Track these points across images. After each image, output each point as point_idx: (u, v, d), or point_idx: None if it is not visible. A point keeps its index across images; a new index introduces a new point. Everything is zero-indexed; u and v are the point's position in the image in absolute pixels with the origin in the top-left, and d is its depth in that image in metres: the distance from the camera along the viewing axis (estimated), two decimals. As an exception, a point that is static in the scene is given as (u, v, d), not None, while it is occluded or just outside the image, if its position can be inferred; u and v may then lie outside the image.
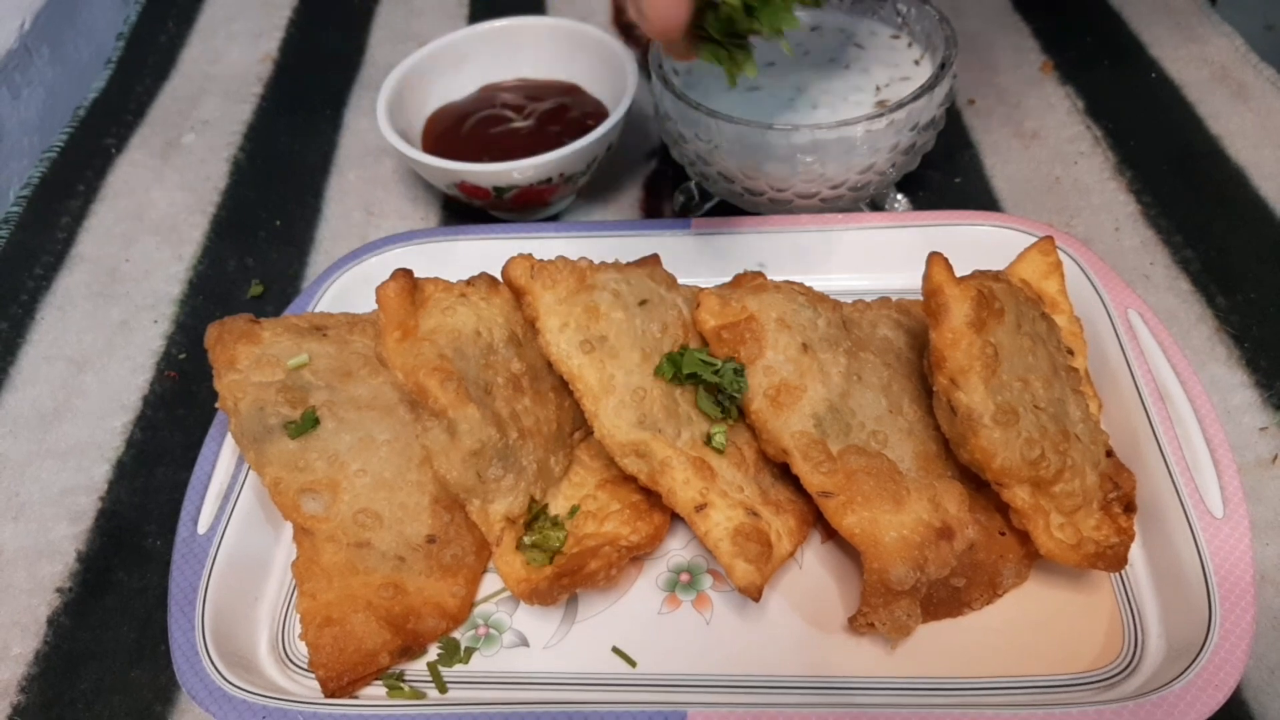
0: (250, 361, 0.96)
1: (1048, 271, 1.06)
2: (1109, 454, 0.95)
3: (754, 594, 0.86)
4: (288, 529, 1.00)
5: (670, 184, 1.45)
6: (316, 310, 1.14)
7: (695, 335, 0.98)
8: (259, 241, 1.41)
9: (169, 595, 0.91)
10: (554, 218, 1.41)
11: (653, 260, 1.06)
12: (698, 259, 1.18)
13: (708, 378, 0.94)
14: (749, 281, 1.02)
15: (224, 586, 0.92)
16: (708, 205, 1.37)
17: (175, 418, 1.19)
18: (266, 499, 0.98)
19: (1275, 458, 1.04)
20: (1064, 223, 1.32)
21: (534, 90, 1.46)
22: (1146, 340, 1.01)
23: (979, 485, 0.93)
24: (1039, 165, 1.42)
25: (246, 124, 1.63)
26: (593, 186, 1.44)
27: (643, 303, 0.97)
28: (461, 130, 1.39)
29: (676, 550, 0.99)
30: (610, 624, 0.93)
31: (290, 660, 0.93)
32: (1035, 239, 1.10)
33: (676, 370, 0.94)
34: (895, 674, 0.88)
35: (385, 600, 0.90)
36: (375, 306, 0.92)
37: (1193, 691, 0.78)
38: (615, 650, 0.91)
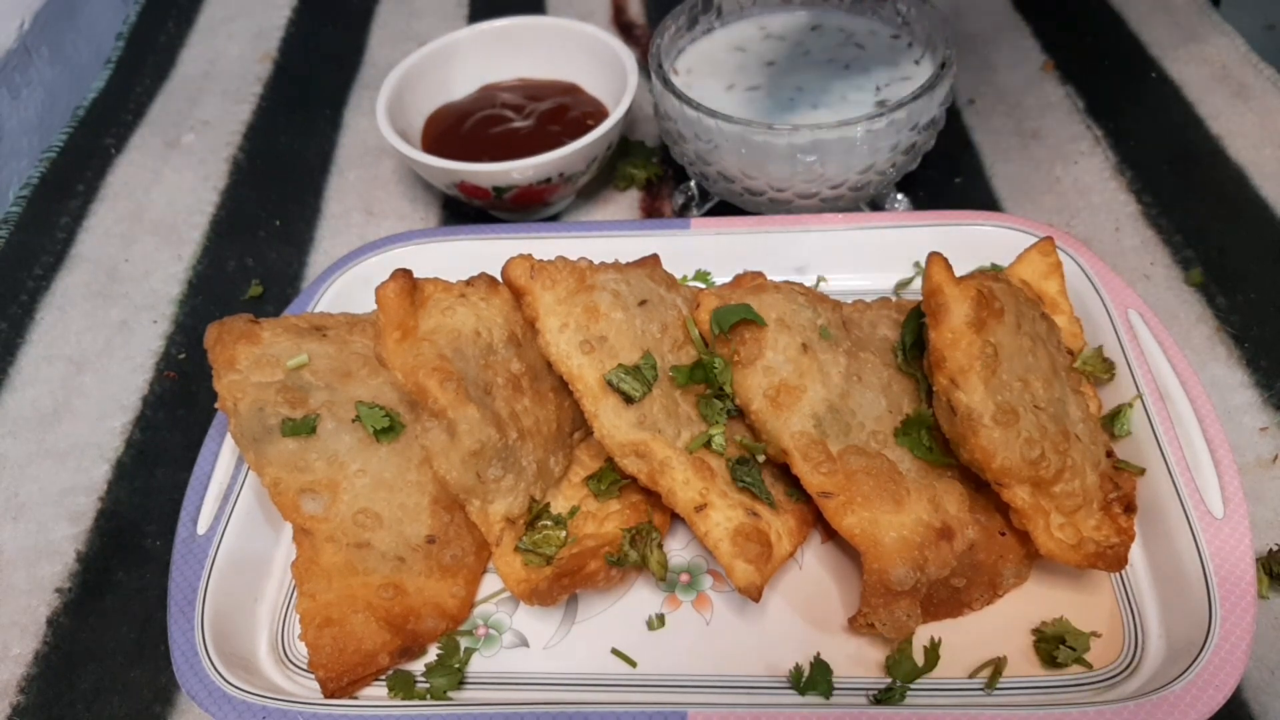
0: (250, 362, 0.96)
1: (1048, 272, 1.06)
2: (1109, 454, 0.95)
3: (754, 594, 0.86)
4: (287, 529, 1.00)
5: (670, 184, 1.45)
6: (316, 310, 1.14)
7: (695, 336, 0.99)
8: (259, 241, 1.41)
9: (168, 596, 0.91)
10: (554, 218, 1.41)
11: (653, 260, 1.06)
12: (698, 259, 1.18)
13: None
14: (749, 281, 1.02)
15: (224, 587, 0.92)
16: (708, 205, 1.37)
17: (175, 418, 1.19)
18: (266, 499, 0.98)
19: (1275, 458, 1.04)
20: (1064, 223, 1.32)
21: (534, 90, 1.46)
22: (1146, 340, 1.01)
23: (979, 485, 0.93)
24: (1039, 165, 1.42)
25: (246, 124, 1.63)
26: (593, 186, 1.44)
27: (643, 303, 0.97)
28: (461, 130, 1.39)
29: (676, 550, 0.99)
30: (610, 624, 0.93)
31: (290, 661, 0.92)
32: (1035, 239, 1.09)
33: (689, 378, 0.95)
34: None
35: (385, 601, 0.90)
36: (375, 307, 0.92)
37: (1193, 692, 0.78)
38: (615, 651, 0.91)
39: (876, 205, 1.34)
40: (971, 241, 1.14)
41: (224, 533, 0.95)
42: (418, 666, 0.91)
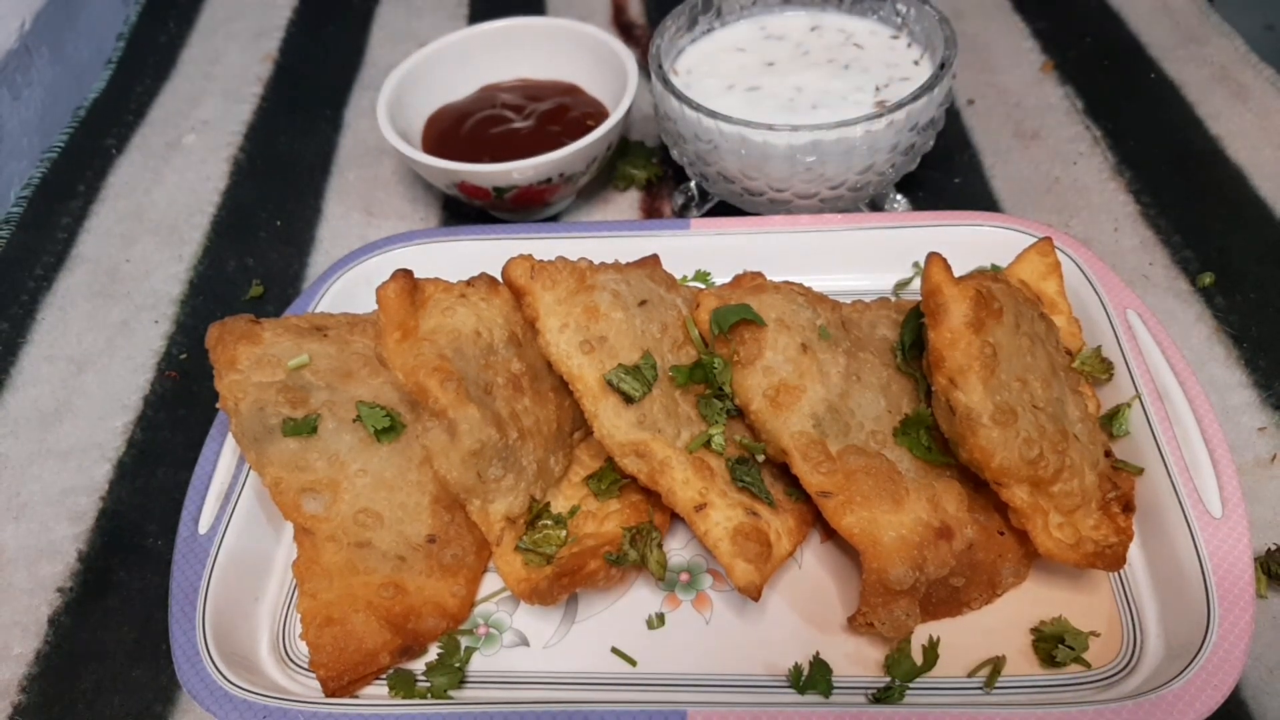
0: (251, 362, 0.96)
1: (1046, 272, 1.06)
2: (1108, 454, 0.96)
3: (753, 594, 0.86)
4: (288, 529, 1.00)
5: (670, 184, 1.45)
6: (317, 310, 1.14)
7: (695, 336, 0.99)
8: (259, 241, 1.41)
9: (170, 595, 0.91)
10: (554, 218, 1.41)
11: (653, 260, 1.06)
12: (698, 259, 1.19)
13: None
14: (749, 281, 1.02)
15: (225, 586, 0.92)
16: (708, 205, 1.37)
17: (176, 418, 1.19)
18: (267, 499, 0.98)
19: (1274, 457, 1.04)
20: (1063, 223, 1.33)
21: (534, 90, 1.46)
22: (1145, 340, 1.01)
23: (978, 485, 0.93)
24: (1039, 165, 1.42)
25: (246, 124, 1.63)
26: (593, 186, 1.44)
27: (642, 303, 0.98)
28: (461, 130, 1.39)
29: (676, 550, 0.99)
30: (610, 624, 0.94)
31: (291, 660, 0.93)
32: (1035, 239, 1.10)
33: (689, 378, 0.95)
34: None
35: (386, 600, 0.90)
36: (375, 307, 0.92)
37: (1191, 691, 0.79)
38: (615, 650, 0.92)
39: (876, 205, 1.34)
40: (971, 241, 1.14)
41: (225, 532, 0.95)
42: (418, 666, 0.92)
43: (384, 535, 0.92)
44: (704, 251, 1.18)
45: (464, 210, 1.44)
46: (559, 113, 1.40)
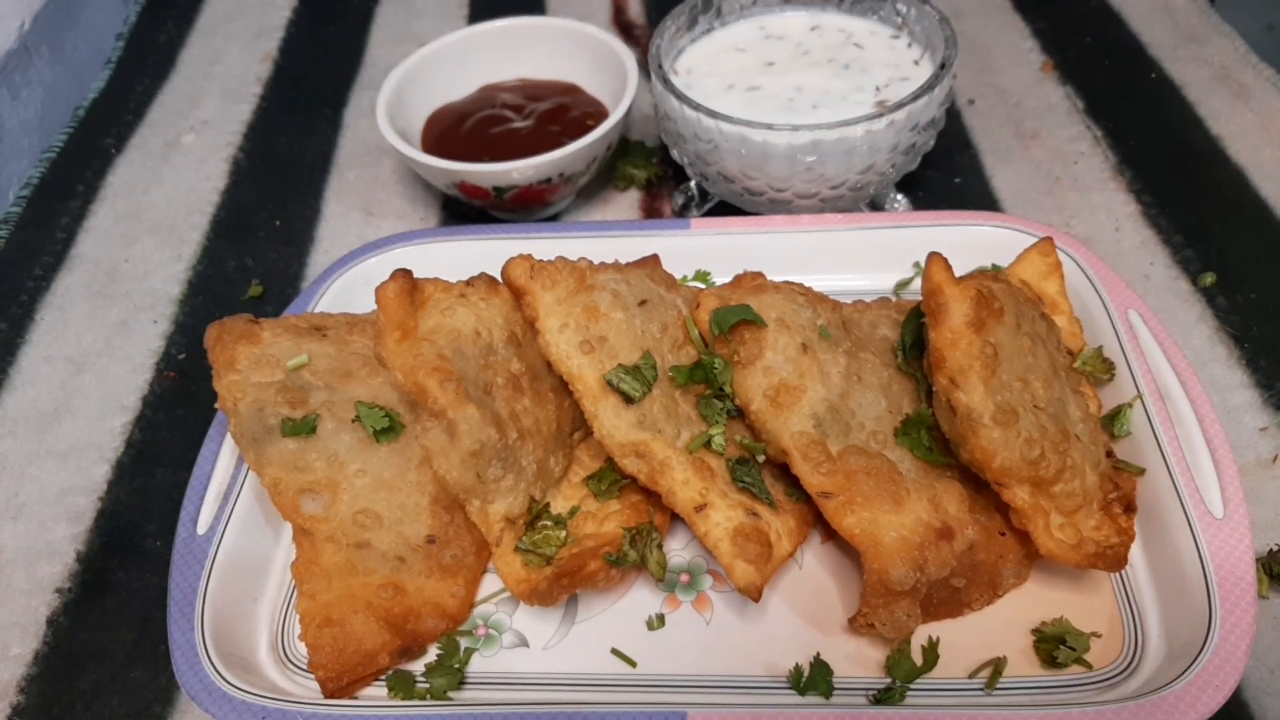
0: (250, 362, 0.96)
1: (1047, 272, 1.06)
2: (1109, 454, 0.95)
3: (754, 594, 0.86)
4: (287, 529, 1.00)
5: (670, 184, 1.45)
6: (316, 310, 1.14)
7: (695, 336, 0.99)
8: (258, 241, 1.41)
9: (168, 596, 0.91)
10: (554, 218, 1.41)
11: (652, 260, 1.06)
12: (698, 259, 1.18)
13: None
14: (749, 281, 1.02)
15: (223, 587, 0.92)
16: (708, 205, 1.37)
17: (175, 418, 1.19)
18: (266, 499, 0.98)
19: (1275, 458, 1.04)
20: (1064, 223, 1.32)
21: (534, 90, 1.46)
22: (1146, 340, 1.01)
23: (979, 485, 0.93)
24: (1039, 165, 1.42)
25: (246, 124, 1.63)
26: (593, 186, 1.44)
27: (642, 303, 0.97)
28: (461, 130, 1.39)
29: (676, 550, 0.99)
30: (610, 624, 0.93)
31: (290, 661, 0.92)
32: (1035, 239, 1.10)
33: (689, 378, 0.95)
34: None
35: (385, 601, 0.90)
36: (374, 307, 0.92)
37: (1193, 692, 0.78)
38: (615, 651, 0.91)
39: (876, 205, 1.34)
40: (971, 241, 1.14)
41: (224, 533, 0.95)
42: (418, 666, 0.91)
43: (383, 536, 0.92)
44: (704, 251, 1.18)
45: (464, 210, 1.44)
46: (559, 112, 1.40)
